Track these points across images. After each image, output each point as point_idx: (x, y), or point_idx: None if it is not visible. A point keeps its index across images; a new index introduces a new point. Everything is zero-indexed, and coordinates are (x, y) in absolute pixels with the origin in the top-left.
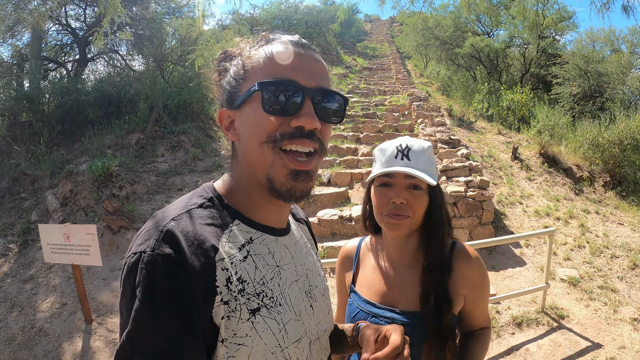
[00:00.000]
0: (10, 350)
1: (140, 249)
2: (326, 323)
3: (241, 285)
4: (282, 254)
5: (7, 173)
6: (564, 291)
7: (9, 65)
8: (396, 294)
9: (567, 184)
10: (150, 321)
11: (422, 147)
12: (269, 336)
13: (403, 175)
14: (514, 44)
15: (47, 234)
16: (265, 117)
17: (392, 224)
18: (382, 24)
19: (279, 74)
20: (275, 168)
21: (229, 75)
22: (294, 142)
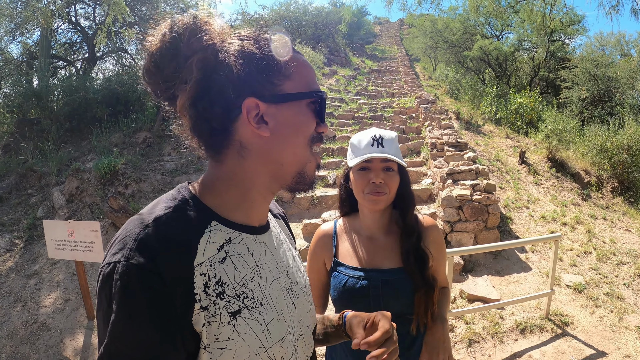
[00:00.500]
0: (13, 344)
1: (114, 259)
2: (308, 319)
3: (220, 288)
4: (262, 252)
5: (14, 169)
6: (569, 297)
7: (19, 63)
8: (379, 257)
9: (575, 189)
10: (127, 333)
11: (392, 137)
12: (252, 337)
13: (379, 160)
14: (523, 48)
15: (52, 230)
16: (313, 121)
17: (373, 200)
18: (391, 26)
19: (313, 85)
20: (310, 164)
21: (257, 60)
22: (319, 145)
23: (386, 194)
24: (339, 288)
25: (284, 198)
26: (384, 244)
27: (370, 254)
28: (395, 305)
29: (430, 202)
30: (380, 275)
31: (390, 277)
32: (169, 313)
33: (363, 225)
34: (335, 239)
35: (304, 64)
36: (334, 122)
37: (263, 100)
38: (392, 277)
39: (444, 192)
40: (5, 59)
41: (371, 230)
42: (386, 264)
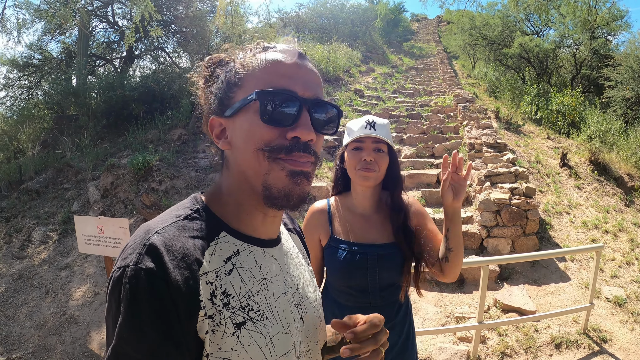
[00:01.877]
0: (40, 334)
1: (124, 263)
2: (317, 335)
3: (226, 299)
4: (270, 265)
5: (52, 164)
6: (609, 312)
7: (58, 62)
8: (372, 233)
9: (618, 194)
10: (133, 336)
11: (384, 123)
12: (255, 350)
13: (371, 140)
14: (564, 45)
15: (82, 225)
16: (262, 126)
17: (364, 176)
18: (429, 23)
19: (276, 83)
20: (272, 174)
21: (219, 81)
22: (292, 157)
23: (376, 171)
24: (339, 261)
25: (317, 197)
26: (376, 221)
27: (364, 230)
28: (388, 276)
29: (467, 204)
30: (376, 249)
31: (384, 251)
32: (174, 318)
33: (356, 202)
34: (330, 216)
35: (264, 64)
36: None
37: (221, 116)
38: (386, 251)
39: (481, 195)
40: (45, 57)
41: (363, 207)
42: (379, 239)
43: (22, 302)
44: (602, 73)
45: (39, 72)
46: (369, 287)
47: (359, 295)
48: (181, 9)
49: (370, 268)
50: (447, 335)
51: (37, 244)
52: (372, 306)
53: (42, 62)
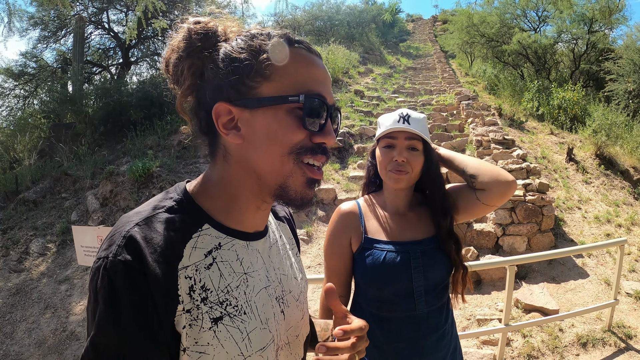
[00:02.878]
0: (40, 353)
1: (103, 254)
2: (299, 328)
3: (204, 293)
4: (253, 259)
5: (49, 173)
6: (630, 307)
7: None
8: (410, 230)
9: (626, 188)
10: (111, 327)
11: (419, 117)
12: (231, 345)
13: (404, 137)
14: (562, 40)
15: (81, 236)
16: (294, 128)
17: (395, 179)
18: (425, 23)
19: (313, 87)
20: (293, 177)
21: (232, 63)
22: (315, 158)
23: (408, 173)
24: (378, 264)
25: (325, 200)
26: (412, 218)
27: (402, 227)
28: (435, 274)
29: None
30: (418, 246)
31: (426, 247)
32: (151, 311)
33: (388, 201)
34: (362, 216)
35: (298, 61)
36: (372, 121)
37: (235, 105)
38: (428, 247)
39: None
40: (40, 65)
41: (397, 207)
42: (419, 235)
43: (20, 318)
44: (603, 66)
45: (35, 80)
46: (414, 291)
47: (403, 302)
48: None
49: (414, 267)
50: (469, 339)
51: (35, 256)
52: (419, 313)
53: (37, 70)
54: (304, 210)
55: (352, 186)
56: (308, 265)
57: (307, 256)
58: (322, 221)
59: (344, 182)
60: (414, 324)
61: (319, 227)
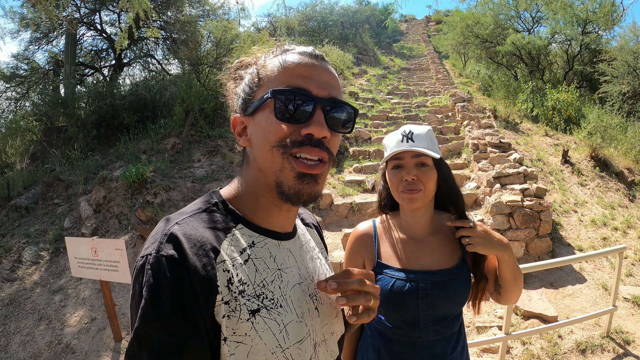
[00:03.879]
0: None
1: (147, 252)
2: (333, 326)
3: (242, 286)
4: (285, 257)
5: (41, 178)
6: (628, 312)
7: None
8: (426, 258)
9: (621, 190)
10: (155, 318)
11: (423, 131)
12: (269, 336)
13: (410, 155)
14: (556, 41)
15: (75, 248)
16: (277, 123)
17: (408, 199)
18: (418, 23)
19: (291, 82)
20: (283, 172)
21: (244, 83)
22: (303, 150)
23: (421, 191)
24: (386, 291)
25: (321, 205)
26: (430, 244)
27: (415, 254)
28: (443, 307)
29: (476, 207)
30: (429, 276)
31: (439, 279)
32: (193, 301)
33: (404, 224)
34: (376, 239)
35: (284, 64)
36: (367, 123)
37: (242, 115)
38: (442, 279)
39: (492, 198)
40: (32, 67)
41: (414, 230)
42: (434, 265)
43: (14, 330)
44: (597, 68)
45: (26, 82)
46: (420, 320)
47: (409, 328)
48: (171, 14)
49: (422, 298)
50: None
51: (28, 265)
52: (424, 341)
53: (29, 72)
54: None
55: (349, 190)
56: None
57: None
58: None
59: (340, 186)
60: (418, 350)
61: None
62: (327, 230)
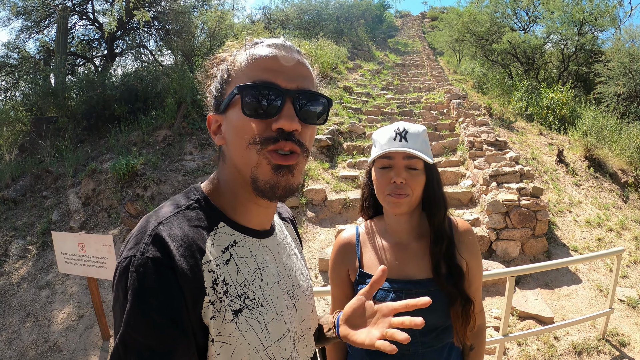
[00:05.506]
0: None
1: (130, 253)
2: (310, 321)
3: (225, 287)
4: (264, 256)
5: (29, 170)
6: (624, 314)
7: (36, 61)
8: (410, 266)
9: (615, 190)
10: (141, 322)
11: (418, 131)
12: (252, 336)
13: (402, 157)
14: (552, 40)
15: (61, 243)
16: (247, 120)
17: (394, 203)
18: (413, 19)
19: (259, 77)
20: (260, 167)
21: (216, 80)
22: (278, 146)
23: (409, 196)
24: None
25: (315, 201)
26: (415, 251)
27: (399, 262)
28: (431, 319)
29: (472, 206)
30: (412, 286)
31: (423, 289)
32: (180, 304)
33: (389, 229)
34: (358, 248)
35: (250, 60)
36: (362, 119)
37: (216, 112)
38: (425, 289)
39: (488, 196)
40: (22, 57)
41: (399, 235)
42: (418, 274)
43: (0, 327)
44: (593, 69)
45: (17, 72)
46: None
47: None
48: (164, 4)
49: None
50: None
51: (15, 259)
52: (413, 354)
53: (19, 61)
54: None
55: (342, 186)
56: None
57: None
58: (311, 222)
59: (334, 181)
60: None
61: (308, 228)
62: (320, 227)
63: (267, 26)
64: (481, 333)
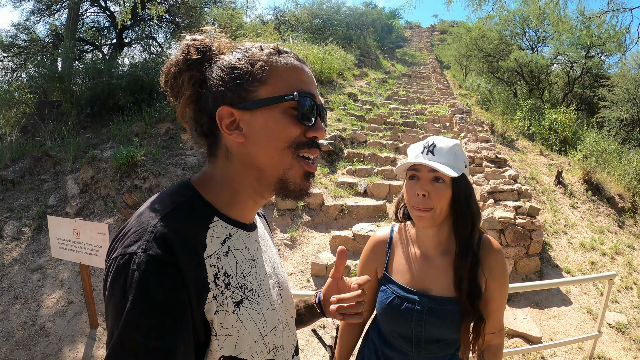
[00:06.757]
0: (7, 347)
1: (130, 250)
2: (291, 310)
3: (227, 279)
4: (255, 248)
5: (30, 152)
6: (612, 338)
7: (44, 44)
8: (430, 280)
9: (611, 215)
10: (143, 322)
11: (447, 145)
12: (252, 326)
13: (427, 170)
14: (559, 62)
15: (56, 227)
16: (290, 125)
17: (417, 216)
18: (422, 31)
19: (303, 87)
20: (292, 170)
21: (233, 72)
22: (311, 151)
23: (433, 210)
24: (384, 304)
25: (311, 205)
26: (438, 265)
27: (421, 274)
28: (437, 332)
29: None
30: (427, 301)
31: (436, 306)
32: (185, 302)
33: (417, 239)
34: (389, 249)
35: (289, 67)
36: (364, 126)
37: (236, 108)
38: (439, 306)
39: (484, 213)
40: (32, 39)
41: (425, 247)
42: (435, 290)
43: None
44: (598, 93)
45: (24, 53)
46: (413, 339)
47: (402, 341)
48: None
49: (415, 321)
50: None
51: (9, 240)
52: (415, 355)
53: (28, 43)
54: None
55: (340, 192)
56: (290, 272)
57: (289, 262)
58: (307, 226)
59: (332, 187)
60: None
61: (303, 232)
62: (315, 231)
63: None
64: (498, 352)
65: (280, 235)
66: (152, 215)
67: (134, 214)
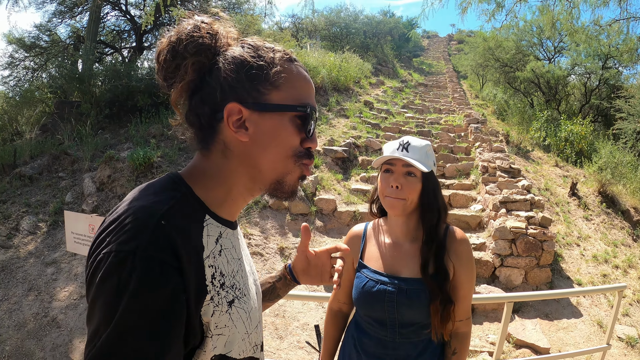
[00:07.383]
0: (19, 337)
1: (125, 247)
2: (262, 306)
3: (222, 279)
4: (238, 247)
5: (48, 150)
6: (621, 352)
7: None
8: (400, 264)
9: (625, 228)
10: (139, 326)
11: (420, 144)
12: (241, 325)
13: (401, 164)
14: (576, 72)
15: (73, 222)
16: (295, 134)
17: (390, 204)
18: (440, 41)
19: (310, 100)
20: (291, 175)
21: (248, 70)
22: (310, 161)
23: (404, 200)
24: (359, 289)
25: (324, 210)
26: (407, 251)
27: (392, 259)
28: (409, 314)
29: (479, 230)
30: (398, 282)
31: (406, 286)
32: (183, 308)
33: (389, 229)
34: (363, 241)
35: (300, 77)
36: (380, 134)
37: (246, 107)
38: (408, 287)
39: (496, 222)
40: (53, 40)
41: (396, 235)
42: (405, 272)
43: (2, 297)
44: (614, 104)
45: (46, 54)
46: (387, 322)
47: (377, 326)
48: (196, 3)
49: (388, 302)
50: None
51: (25, 234)
52: (390, 341)
53: (49, 44)
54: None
55: (353, 199)
56: None
57: None
58: (319, 232)
59: (345, 193)
60: (382, 347)
61: (315, 237)
62: (327, 236)
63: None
64: (465, 339)
65: (293, 239)
66: (150, 212)
67: (122, 202)
